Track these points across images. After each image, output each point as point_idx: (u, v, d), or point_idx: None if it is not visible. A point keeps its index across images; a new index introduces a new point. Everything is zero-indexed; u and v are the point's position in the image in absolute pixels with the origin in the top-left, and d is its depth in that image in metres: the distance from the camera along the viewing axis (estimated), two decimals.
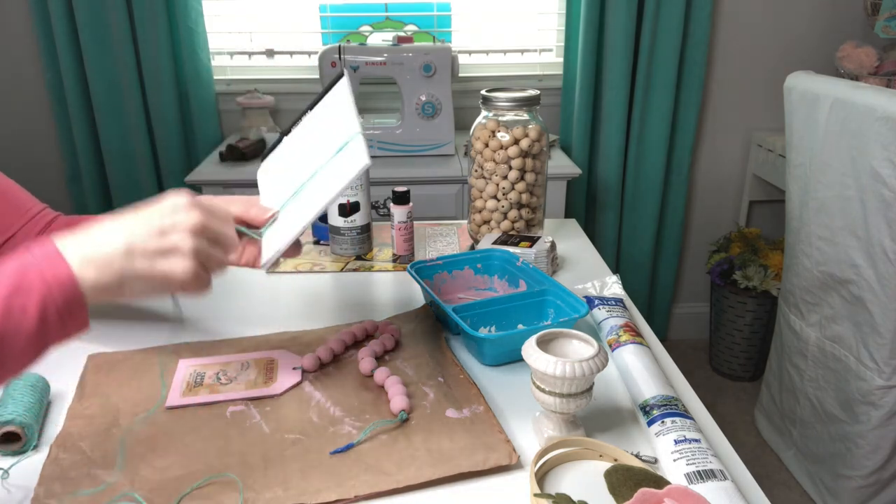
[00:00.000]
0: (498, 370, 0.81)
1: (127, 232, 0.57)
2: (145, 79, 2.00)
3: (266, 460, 0.64)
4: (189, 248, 0.58)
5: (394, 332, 0.84)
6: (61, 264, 0.54)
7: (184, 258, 0.58)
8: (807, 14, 2.14)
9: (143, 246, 0.57)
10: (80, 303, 0.55)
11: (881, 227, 1.36)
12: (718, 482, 0.59)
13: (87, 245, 0.56)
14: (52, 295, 0.53)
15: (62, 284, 0.54)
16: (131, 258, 0.56)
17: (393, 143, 1.88)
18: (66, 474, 0.62)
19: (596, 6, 1.96)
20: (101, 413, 0.71)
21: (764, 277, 2.06)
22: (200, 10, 1.97)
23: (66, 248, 0.55)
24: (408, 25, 2.16)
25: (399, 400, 0.70)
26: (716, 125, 2.26)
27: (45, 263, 0.54)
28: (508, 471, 0.63)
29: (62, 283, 0.54)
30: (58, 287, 0.53)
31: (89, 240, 0.57)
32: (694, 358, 2.40)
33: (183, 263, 0.58)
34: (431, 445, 0.65)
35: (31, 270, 0.53)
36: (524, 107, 1.09)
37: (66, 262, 0.54)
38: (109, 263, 0.56)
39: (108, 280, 0.56)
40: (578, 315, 0.83)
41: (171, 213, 0.59)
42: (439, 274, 1.00)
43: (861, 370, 1.47)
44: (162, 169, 2.11)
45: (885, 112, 1.29)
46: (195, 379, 0.77)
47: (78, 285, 0.54)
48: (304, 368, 0.78)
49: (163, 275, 0.58)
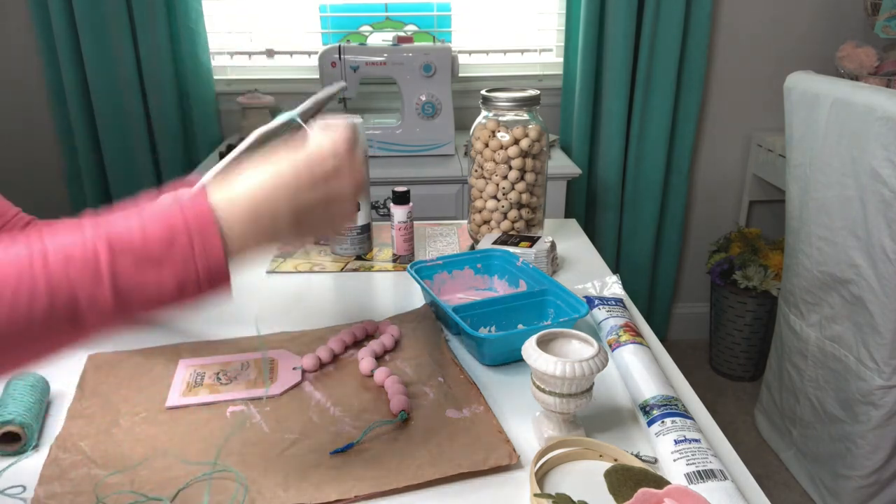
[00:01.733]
0: (498, 370, 0.81)
1: (292, 196, 0.54)
2: (145, 79, 2.00)
3: (266, 460, 0.64)
4: (352, 192, 0.57)
5: (394, 332, 0.84)
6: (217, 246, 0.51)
7: (346, 202, 0.57)
8: (807, 14, 2.13)
9: (312, 209, 0.55)
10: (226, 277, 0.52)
11: (881, 227, 1.36)
12: (718, 482, 0.59)
13: (251, 221, 0.53)
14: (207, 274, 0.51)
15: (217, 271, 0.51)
16: (298, 225, 0.55)
17: (393, 143, 1.88)
18: (65, 474, 0.62)
19: (596, 6, 1.96)
20: (101, 413, 0.71)
21: (764, 277, 2.06)
22: (200, 10, 1.97)
23: (230, 227, 0.52)
24: (408, 25, 2.16)
25: (399, 400, 0.70)
26: (716, 125, 2.26)
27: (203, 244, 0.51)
28: (508, 471, 0.63)
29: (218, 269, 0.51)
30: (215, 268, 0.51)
31: (253, 211, 0.53)
32: (694, 358, 2.40)
33: (347, 207, 0.58)
34: (431, 445, 0.65)
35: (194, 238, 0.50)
36: (524, 107, 1.09)
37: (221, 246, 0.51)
38: (275, 233, 0.55)
39: (268, 244, 0.55)
40: (579, 315, 0.83)
41: (333, 159, 0.56)
42: (439, 274, 1.00)
43: (861, 370, 1.47)
44: (162, 169, 2.11)
45: (885, 112, 1.29)
46: (195, 379, 0.77)
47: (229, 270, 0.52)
48: (304, 368, 0.79)
49: (327, 225, 0.58)
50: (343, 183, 0.56)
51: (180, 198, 0.52)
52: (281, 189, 0.54)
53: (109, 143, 2.04)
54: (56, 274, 0.47)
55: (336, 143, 0.57)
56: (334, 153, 0.56)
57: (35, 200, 2.17)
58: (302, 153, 0.56)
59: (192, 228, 0.50)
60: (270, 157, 0.57)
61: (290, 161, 0.55)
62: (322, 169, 0.55)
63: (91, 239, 0.49)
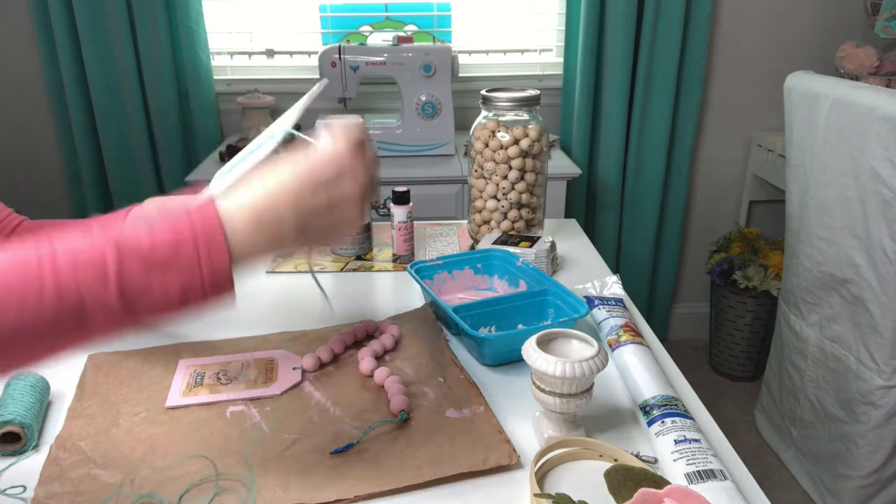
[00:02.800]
0: (498, 370, 0.81)
1: (294, 202, 0.54)
2: (145, 79, 2.00)
3: (266, 460, 0.64)
4: (358, 195, 0.56)
5: (394, 332, 0.84)
6: (223, 255, 0.51)
7: (353, 205, 0.56)
8: (807, 14, 2.13)
9: (316, 214, 0.55)
10: (231, 284, 0.53)
11: (881, 227, 1.36)
12: (719, 482, 0.59)
13: (255, 229, 0.53)
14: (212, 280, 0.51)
15: (222, 278, 0.51)
16: (302, 231, 0.55)
17: (393, 143, 1.88)
18: (65, 474, 0.62)
19: (596, 6, 1.96)
20: (101, 413, 0.71)
21: (764, 277, 2.06)
22: (200, 10, 1.97)
23: (235, 235, 0.52)
24: (408, 25, 2.16)
25: (399, 400, 0.70)
26: (716, 125, 2.26)
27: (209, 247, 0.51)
28: (508, 471, 0.63)
29: (222, 276, 0.51)
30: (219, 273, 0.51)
31: (256, 218, 0.53)
32: (694, 358, 2.40)
33: (352, 211, 0.56)
34: (431, 445, 0.65)
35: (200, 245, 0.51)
36: (524, 107, 1.09)
37: (226, 254, 0.51)
38: (280, 240, 0.55)
39: (274, 252, 0.55)
40: (578, 315, 0.83)
41: (336, 162, 0.55)
42: (439, 274, 1.00)
43: (861, 370, 1.47)
44: (162, 169, 2.11)
45: (885, 112, 1.29)
46: (195, 379, 0.77)
47: (233, 278, 0.52)
48: (304, 368, 0.79)
49: (332, 230, 0.57)
50: (346, 187, 0.56)
51: (188, 204, 0.52)
52: (283, 195, 0.54)
53: (109, 143, 2.04)
54: (64, 276, 0.48)
55: (338, 146, 0.56)
56: (337, 157, 0.56)
57: (35, 200, 2.17)
58: (304, 158, 0.56)
59: (198, 235, 0.51)
60: (274, 163, 0.57)
61: (292, 166, 0.55)
62: (324, 173, 0.55)
63: (99, 242, 0.49)
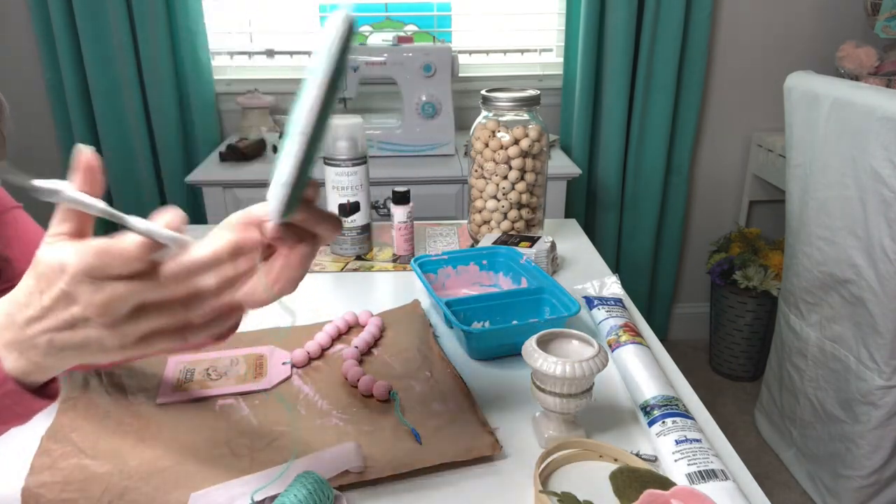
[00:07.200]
0: (498, 369, 0.81)
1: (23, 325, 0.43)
2: (145, 79, 2.00)
3: (253, 451, 0.65)
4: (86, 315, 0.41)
5: (377, 323, 0.86)
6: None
7: (93, 326, 0.42)
8: (807, 14, 2.14)
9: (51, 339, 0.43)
10: None
11: (881, 227, 1.36)
12: (720, 482, 0.59)
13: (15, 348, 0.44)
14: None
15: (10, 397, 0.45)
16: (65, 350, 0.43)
17: (393, 143, 1.88)
18: (56, 464, 0.63)
19: (596, 6, 1.96)
20: (92, 406, 0.72)
21: (764, 277, 2.06)
22: (200, 10, 1.97)
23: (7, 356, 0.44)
24: (408, 25, 2.16)
25: (381, 385, 0.72)
26: (716, 125, 2.26)
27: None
28: (508, 471, 0.63)
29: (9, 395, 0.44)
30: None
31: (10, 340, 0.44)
32: (694, 358, 2.40)
33: (96, 332, 0.42)
34: None
35: None
36: (524, 107, 1.09)
37: None
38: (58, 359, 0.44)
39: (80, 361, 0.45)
40: (568, 313, 0.83)
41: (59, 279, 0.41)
42: (444, 269, 1.00)
43: (861, 370, 1.47)
44: (162, 169, 2.11)
45: (885, 112, 1.29)
46: (185, 375, 0.77)
47: None
48: (293, 363, 0.79)
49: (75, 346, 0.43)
50: (75, 312, 0.41)
51: None
52: (11, 316, 0.44)
53: (109, 143, 2.04)
54: None
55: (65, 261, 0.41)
56: (62, 271, 0.40)
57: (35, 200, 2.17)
58: (32, 270, 0.43)
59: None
60: None
61: (23, 280, 0.44)
62: (48, 294, 0.42)
63: None
